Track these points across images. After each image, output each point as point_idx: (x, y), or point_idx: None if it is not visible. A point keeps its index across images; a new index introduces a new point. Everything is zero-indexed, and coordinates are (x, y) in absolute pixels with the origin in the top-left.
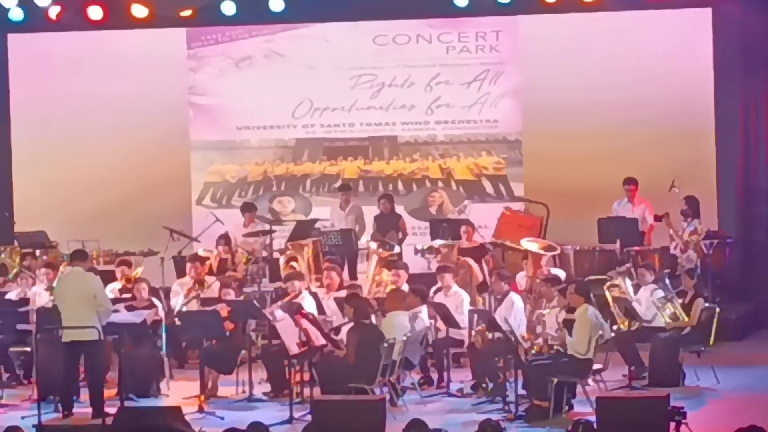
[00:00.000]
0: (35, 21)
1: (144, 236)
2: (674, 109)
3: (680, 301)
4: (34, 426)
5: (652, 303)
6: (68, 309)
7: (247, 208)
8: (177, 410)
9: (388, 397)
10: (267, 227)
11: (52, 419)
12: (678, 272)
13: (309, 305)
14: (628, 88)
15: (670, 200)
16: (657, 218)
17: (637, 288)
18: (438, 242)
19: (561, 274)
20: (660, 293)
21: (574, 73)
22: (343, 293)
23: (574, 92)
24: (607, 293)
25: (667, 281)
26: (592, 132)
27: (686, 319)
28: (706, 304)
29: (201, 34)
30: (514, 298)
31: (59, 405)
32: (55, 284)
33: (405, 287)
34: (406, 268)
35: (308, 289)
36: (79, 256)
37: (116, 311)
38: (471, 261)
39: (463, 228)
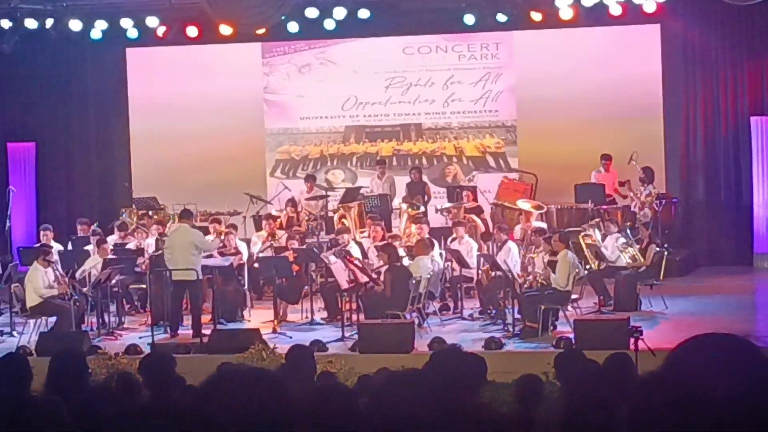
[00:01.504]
0: (147, 38)
1: (230, 200)
2: (632, 102)
3: (638, 246)
4: (148, 344)
5: (616, 248)
6: (176, 255)
7: (309, 179)
8: (256, 331)
9: (416, 320)
10: (323, 193)
11: (162, 339)
12: (636, 225)
13: (355, 252)
14: (597, 86)
15: (629, 170)
16: (621, 184)
17: (604, 237)
18: (447, 204)
19: (545, 226)
20: (622, 240)
21: (555, 75)
22: (383, 243)
23: (556, 89)
24: (581, 241)
25: (628, 231)
26: (570, 119)
27: (642, 260)
28: (657, 249)
29: (272, 47)
30: (511, 245)
31: (167, 328)
32: (166, 236)
33: (427, 237)
34: (428, 223)
35: (354, 240)
36: (185, 215)
37: (211, 256)
38: (475, 217)
39: (464, 192)
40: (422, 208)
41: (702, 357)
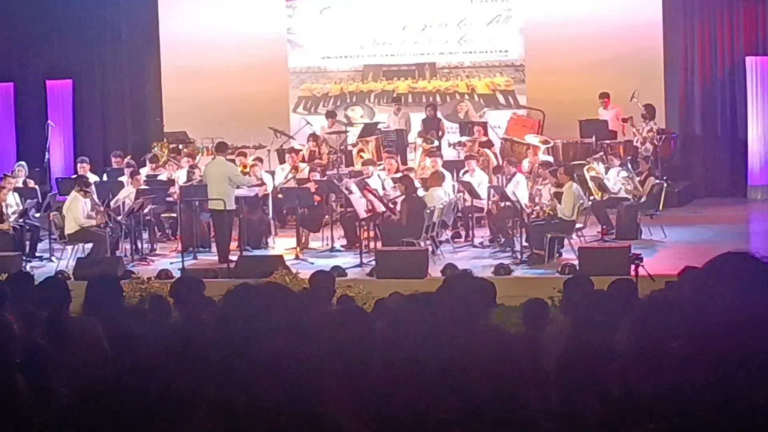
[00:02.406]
0: None
1: (256, 134)
2: (633, 43)
3: (638, 178)
4: (179, 269)
5: (618, 180)
6: (211, 186)
7: (330, 115)
8: (280, 258)
9: (430, 248)
10: (343, 128)
11: (192, 264)
12: (637, 158)
13: (376, 183)
14: (602, 28)
15: (631, 106)
16: (624, 120)
17: (607, 170)
18: (464, 138)
19: (552, 160)
20: (624, 173)
21: (562, 17)
22: (398, 175)
23: (563, 30)
24: (585, 173)
25: (629, 165)
26: (576, 59)
27: (641, 191)
28: (657, 181)
29: None
30: (519, 177)
31: (196, 255)
32: (202, 168)
33: (440, 170)
34: (441, 156)
35: (374, 172)
36: (221, 147)
37: (238, 187)
38: (488, 151)
39: (476, 127)
40: (436, 143)
41: (720, 275)
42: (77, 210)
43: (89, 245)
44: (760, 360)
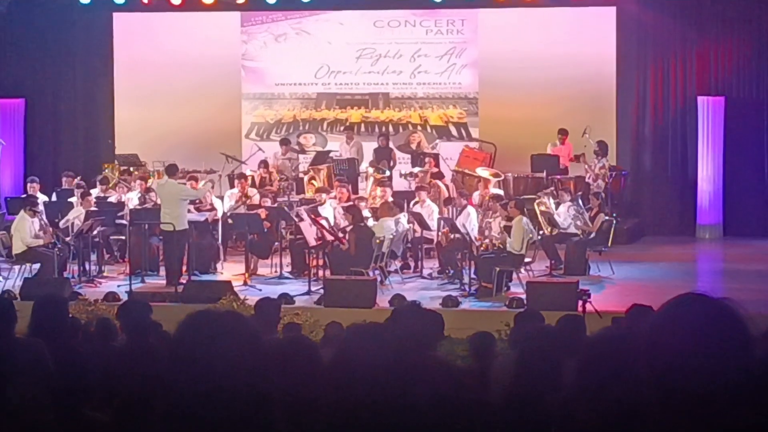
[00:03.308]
0: (133, 3)
1: (208, 159)
2: (587, 79)
3: (588, 214)
4: (126, 292)
5: (568, 216)
6: (163, 207)
7: (284, 142)
8: (228, 283)
9: (378, 278)
10: (295, 156)
11: (139, 287)
12: (588, 194)
13: (328, 212)
14: (555, 63)
15: (582, 143)
16: (575, 158)
17: (557, 205)
18: (416, 169)
19: (502, 193)
20: (574, 209)
21: (516, 51)
22: (349, 204)
23: (516, 64)
24: (536, 207)
25: (579, 201)
26: (529, 93)
27: (591, 226)
28: (606, 218)
29: (251, 16)
30: (470, 210)
31: (143, 278)
32: (152, 190)
33: (390, 200)
34: (391, 186)
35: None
36: (171, 170)
37: (191, 202)
38: (440, 183)
39: (427, 158)
40: (387, 173)
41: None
42: (24, 230)
43: (36, 265)
44: (718, 403)
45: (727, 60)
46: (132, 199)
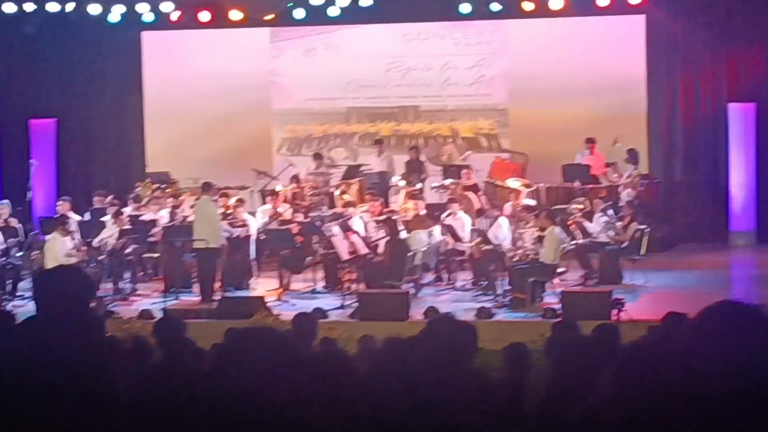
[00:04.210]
0: (161, 22)
1: (239, 175)
2: (617, 88)
3: (620, 224)
4: (160, 309)
5: (600, 225)
6: (198, 224)
7: (317, 156)
8: (261, 299)
9: (411, 290)
10: (327, 170)
11: (173, 304)
12: (620, 203)
13: (358, 225)
14: (584, 72)
15: (614, 152)
16: (607, 165)
17: (590, 215)
18: (448, 181)
19: (534, 203)
20: (605, 219)
21: (546, 61)
22: (382, 217)
23: (545, 75)
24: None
25: (610, 211)
26: (559, 103)
27: (624, 235)
28: (640, 226)
29: (280, 32)
30: (501, 220)
31: (178, 295)
32: (186, 209)
33: (423, 213)
34: (423, 199)
35: (356, 214)
36: (206, 188)
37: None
38: (471, 194)
39: (463, 171)
40: (419, 185)
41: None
42: (56, 249)
43: None
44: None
45: (757, 66)
46: (164, 216)
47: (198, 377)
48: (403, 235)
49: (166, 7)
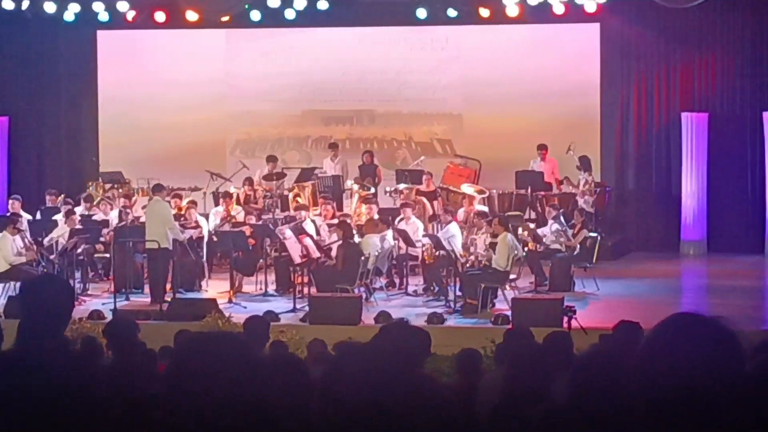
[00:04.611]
0: (117, 21)
1: (192, 176)
2: (571, 96)
3: (571, 231)
4: (110, 310)
5: (551, 233)
6: (149, 225)
7: (271, 159)
8: (213, 301)
9: (363, 295)
10: (280, 172)
11: (123, 305)
12: (574, 210)
13: (310, 228)
14: (539, 80)
15: (567, 159)
16: (559, 182)
17: (541, 221)
18: (402, 186)
19: (487, 210)
20: (556, 226)
21: (501, 67)
22: (334, 221)
23: (501, 81)
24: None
25: (561, 218)
26: (514, 110)
27: (573, 242)
28: (591, 234)
29: (235, 33)
30: (451, 226)
31: (128, 295)
32: (136, 209)
33: (376, 217)
34: (377, 203)
35: (308, 217)
36: (158, 189)
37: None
38: (425, 199)
39: (424, 176)
40: (372, 190)
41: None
42: (6, 248)
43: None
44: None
45: (711, 76)
46: (115, 217)
47: (151, 378)
48: (356, 239)
49: (121, 6)
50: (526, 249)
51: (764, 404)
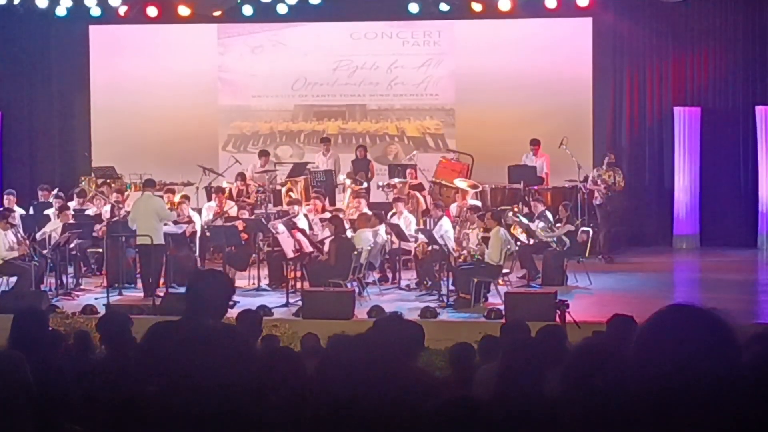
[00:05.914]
0: (109, 16)
1: (184, 171)
2: (564, 91)
3: (559, 225)
4: (103, 305)
5: (541, 228)
6: (140, 221)
7: (263, 153)
8: None
9: (356, 289)
10: (273, 167)
11: (116, 300)
12: (557, 206)
13: (303, 223)
14: (531, 74)
15: (560, 153)
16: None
17: (531, 216)
18: (395, 180)
19: (480, 204)
20: (542, 224)
21: (493, 62)
22: (326, 215)
23: (493, 76)
24: (511, 218)
25: (547, 214)
26: (505, 104)
27: (556, 232)
28: (583, 228)
29: (227, 28)
30: (443, 221)
31: (121, 290)
32: (129, 204)
33: (365, 211)
34: (366, 197)
35: (301, 212)
36: (149, 184)
37: (165, 224)
38: (417, 194)
39: (408, 170)
40: (365, 184)
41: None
42: None
43: (13, 279)
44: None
45: (703, 70)
46: (107, 211)
47: (146, 372)
48: (349, 233)
49: (113, 1)
50: (518, 243)
51: (759, 395)
